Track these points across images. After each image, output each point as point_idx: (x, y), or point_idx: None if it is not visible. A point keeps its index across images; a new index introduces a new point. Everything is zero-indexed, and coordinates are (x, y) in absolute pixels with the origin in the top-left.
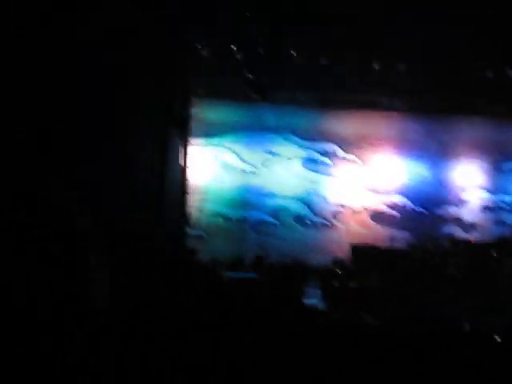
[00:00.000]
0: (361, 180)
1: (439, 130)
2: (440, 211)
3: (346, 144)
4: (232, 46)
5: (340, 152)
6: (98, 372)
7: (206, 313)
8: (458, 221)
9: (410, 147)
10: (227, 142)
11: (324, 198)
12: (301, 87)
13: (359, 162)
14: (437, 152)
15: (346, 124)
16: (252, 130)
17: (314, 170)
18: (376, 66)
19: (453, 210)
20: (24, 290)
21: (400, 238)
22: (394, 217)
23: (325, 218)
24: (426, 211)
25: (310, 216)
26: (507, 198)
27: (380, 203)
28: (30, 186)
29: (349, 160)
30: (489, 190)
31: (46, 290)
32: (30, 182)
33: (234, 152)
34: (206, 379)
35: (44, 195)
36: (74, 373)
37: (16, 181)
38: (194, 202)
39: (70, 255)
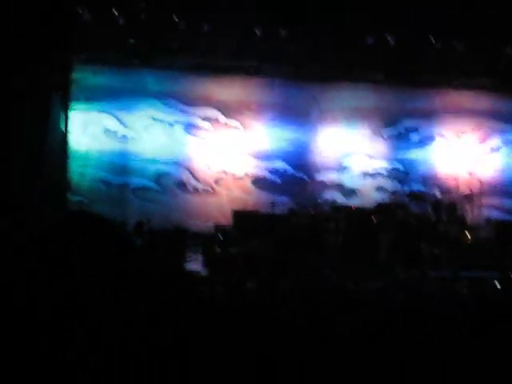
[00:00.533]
0: (242, 146)
1: (320, 96)
2: (321, 177)
3: (228, 110)
4: (113, 11)
5: (221, 117)
6: None
7: (89, 277)
8: (339, 187)
9: (292, 113)
10: (108, 107)
11: (205, 164)
12: (182, 52)
13: (241, 127)
14: (318, 118)
15: (228, 89)
16: (133, 96)
17: (195, 136)
18: (258, 32)
19: (333, 176)
20: None
21: (281, 203)
22: (274, 182)
23: (206, 184)
24: (306, 177)
25: (192, 182)
26: (387, 164)
27: (261, 169)
28: None
29: (230, 126)
30: (369, 156)
31: None
32: None
33: (115, 117)
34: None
35: None
36: None
37: None
38: (75, 168)
39: None
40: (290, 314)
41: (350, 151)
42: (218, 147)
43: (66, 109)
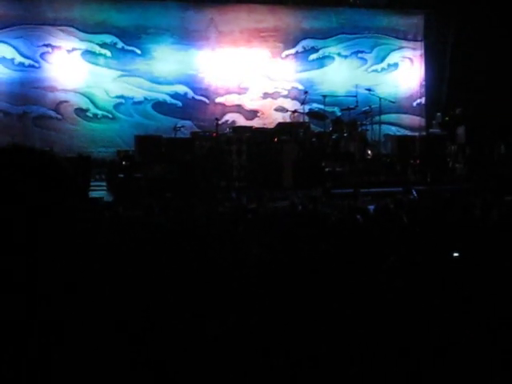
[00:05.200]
0: (142, 71)
1: (218, 18)
2: (221, 99)
3: (126, 35)
4: None
5: (119, 43)
6: None
7: None
8: (240, 108)
9: (191, 37)
10: (4, 36)
11: (105, 90)
12: None
13: (139, 52)
14: (217, 41)
15: (125, 14)
16: (30, 24)
17: (94, 63)
18: None
19: (234, 98)
20: None
21: (183, 127)
22: (175, 106)
23: (107, 110)
24: (207, 100)
25: (92, 108)
26: (285, 84)
27: (161, 93)
28: None
29: (129, 51)
30: (269, 77)
31: None
32: None
33: (12, 46)
34: None
35: None
36: None
37: None
38: None
39: None
40: (198, 237)
41: (250, 72)
42: (117, 73)
43: None
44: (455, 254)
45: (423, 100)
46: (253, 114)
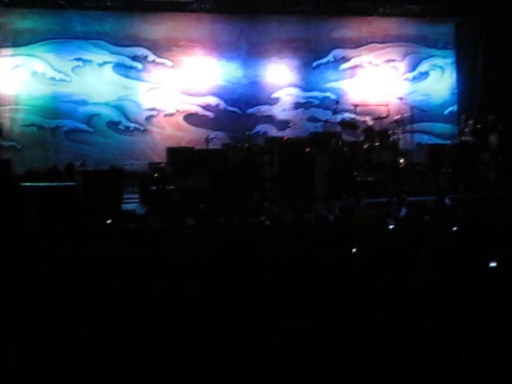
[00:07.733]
0: (173, 83)
1: (249, 29)
2: (253, 110)
3: (157, 47)
4: None
5: (151, 56)
6: None
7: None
8: (271, 119)
9: (222, 48)
10: (36, 50)
11: (136, 103)
12: None
13: (170, 64)
14: (248, 52)
15: (156, 27)
16: (61, 38)
17: (125, 75)
18: None
19: (265, 109)
20: None
21: (215, 138)
22: (207, 118)
23: (138, 123)
24: (239, 110)
25: (124, 121)
26: (317, 94)
27: (193, 105)
28: None
29: (160, 63)
30: (300, 87)
31: None
32: None
33: (43, 60)
34: None
35: None
36: None
37: None
38: (5, 113)
39: None
40: (231, 248)
41: (281, 83)
42: (149, 85)
43: None
44: (492, 264)
45: (455, 108)
46: (284, 124)
